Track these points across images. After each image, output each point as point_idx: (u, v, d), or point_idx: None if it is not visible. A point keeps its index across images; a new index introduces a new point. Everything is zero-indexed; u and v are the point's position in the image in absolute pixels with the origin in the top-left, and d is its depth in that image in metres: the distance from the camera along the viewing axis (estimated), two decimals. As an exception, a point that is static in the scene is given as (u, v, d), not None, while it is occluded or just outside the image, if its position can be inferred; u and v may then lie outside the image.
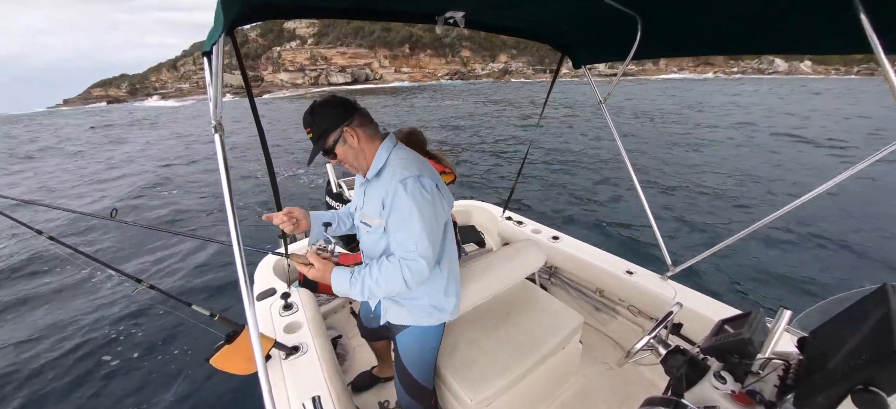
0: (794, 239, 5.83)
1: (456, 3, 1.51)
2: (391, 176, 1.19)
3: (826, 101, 25.54)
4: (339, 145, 1.20)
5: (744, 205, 7.32)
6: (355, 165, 1.26)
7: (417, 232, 1.15)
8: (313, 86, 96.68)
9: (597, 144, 12.17)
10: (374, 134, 1.26)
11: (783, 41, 1.41)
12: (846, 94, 30.91)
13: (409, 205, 1.14)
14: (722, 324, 1.14)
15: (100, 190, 9.26)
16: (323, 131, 1.18)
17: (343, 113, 1.19)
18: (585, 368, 2.15)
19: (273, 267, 2.26)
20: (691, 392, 1.00)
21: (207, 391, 2.91)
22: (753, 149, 11.34)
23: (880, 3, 0.97)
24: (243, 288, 1.07)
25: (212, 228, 6.30)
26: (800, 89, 37.95)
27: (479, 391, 1.46)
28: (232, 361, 1.38)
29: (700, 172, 9.16)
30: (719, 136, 13.49)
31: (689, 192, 7.79)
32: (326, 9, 1.56)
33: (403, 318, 1.40)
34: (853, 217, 6.70)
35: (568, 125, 15.72)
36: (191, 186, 8.98)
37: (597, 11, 1.60)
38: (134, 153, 15.24)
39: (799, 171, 9.12)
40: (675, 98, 30.25)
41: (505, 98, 35.36)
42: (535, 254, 1.97)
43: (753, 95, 32.38)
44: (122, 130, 26.40)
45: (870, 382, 0.68)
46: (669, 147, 11.86)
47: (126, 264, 4.99)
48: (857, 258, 5.45)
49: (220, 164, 1.09)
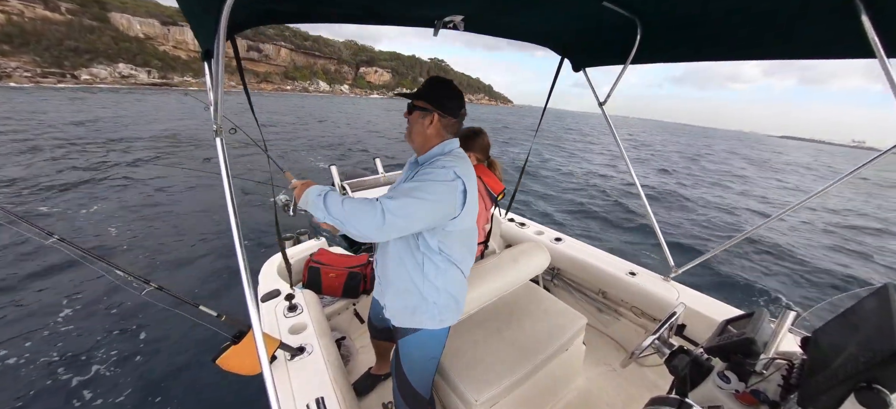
0: (794, 239, 5.81)
1: (455, 6, 1.52)
2: (433, 163, 1.23)
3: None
4: (418, 114, 1.27)
5: (745, 208, 7.30)
6: (412, 138, 1.32)
7: (415, 199, 1.12)
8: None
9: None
10: (448, 134, 1.30)
11: (784, 45, 1.41)
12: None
13: (432, 178, 1.17)
14: (725, 324, 1.14)
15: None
16: (425, 96, 1.26)
17: (445, 102, 1.26)
18: (589, 369, 2.14)
19: (277, 268, 2.27)
20: (695, 392, 1.01)
21: (214, 392, 2.92)
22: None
23: (882, 8, 0.98)
24: (247, 290, 1.09)
25: (216, 229, 6.35)
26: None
27: (484, 391, 1.47)
28: (238, 361, 1.40)
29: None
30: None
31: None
32: (325, 14, 1.58)
33: (410, 322, 1.38)
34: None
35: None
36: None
37: (596, 15, 1.61)
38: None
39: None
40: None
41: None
42: (539, 256, 1.98)
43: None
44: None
45: (873, 380, 0.68)
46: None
47: (134, 265, 5.02)
48: (857, 258, 5.44)
49: (221, 167, 1.11)
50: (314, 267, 2.45)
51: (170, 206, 7.19)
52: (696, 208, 8.84)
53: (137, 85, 69.79)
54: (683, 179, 14.65)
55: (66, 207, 7.20)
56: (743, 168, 21.50)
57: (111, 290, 4.29)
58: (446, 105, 1.26)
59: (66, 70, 62.03)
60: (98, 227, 6.31)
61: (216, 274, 4.80)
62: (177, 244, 5.68)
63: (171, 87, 74.17)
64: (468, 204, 1.22)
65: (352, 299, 2.57)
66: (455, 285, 1.35)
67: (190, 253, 5.38)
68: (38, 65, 59.23)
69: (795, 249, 5.66)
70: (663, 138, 49.41)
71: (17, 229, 1.46)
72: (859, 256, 5.49)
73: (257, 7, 1.32)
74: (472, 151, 1.87)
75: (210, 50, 1.12)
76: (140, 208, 7.07)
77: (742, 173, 19.48)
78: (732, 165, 22.72)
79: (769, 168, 24.75)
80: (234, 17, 1.03)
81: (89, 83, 60.87)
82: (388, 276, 1.38)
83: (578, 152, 11.73)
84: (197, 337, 3.46)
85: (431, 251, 1.27)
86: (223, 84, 1.13)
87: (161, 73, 79.36)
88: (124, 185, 8.57)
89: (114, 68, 70.31)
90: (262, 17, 1.42)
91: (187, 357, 3.30)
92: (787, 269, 5.07)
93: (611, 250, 2.59)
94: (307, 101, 62.92)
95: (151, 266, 5.07)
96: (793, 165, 32.30)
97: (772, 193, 12.78)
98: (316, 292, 2.15)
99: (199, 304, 1.54)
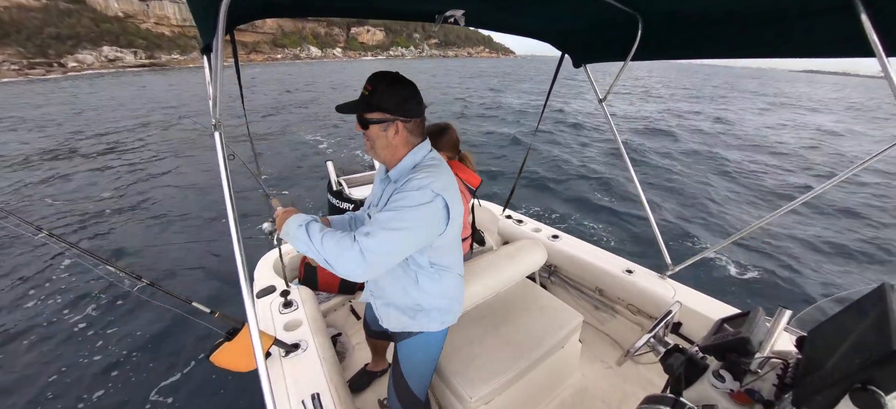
0: (794, 240, 5.85)
1: (456, 1, 1.50)
2: (407, 183, 1.10)
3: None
4: (377, 126, 1.11)
5: (744, 205, 7.34)
6: (377, 153, 1.18)
7: (395, 231, 1.03)
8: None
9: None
10: (415, 138, 1.18)
11: (784, 44, 1.41)
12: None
13: (408, 204, 1.06)
14: (721, 323, 1.14)
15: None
16: (377, 105, 1.09)
17: (406, 106, 1.11)
18: (585, 366, 2.15)
19: (273, 265, 2.26)
20: (690, 391, 1.01)
21: (208, 389, 2.91)
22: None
23: (882, 8, 0.98)
24: (243, 286, 1.08)
25: (209, 224, 6.30)
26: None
27: (479, 388, 1.47)
28: (232, 358, 1.39)
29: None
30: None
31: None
32: (326, 7, 1.56)
33: (410, 326, 1.34)
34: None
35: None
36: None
37: (597, 10, 1.60)
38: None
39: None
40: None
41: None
42: (536, 253, 1.98)
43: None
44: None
45: (868, 381, 0.68)
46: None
47: (126, 260, 4.98)
48: (856, 258, 5.48)
49: (219, 161, 1.09)
50: (310, 264, 2.44)
51: (164, 200, 7.13)
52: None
53: (125, 67, 67.90)
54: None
55: (54, 199, 7.13)
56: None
57: (102, 286, 4.26)
58: (407, 107, 1.11)
59: (51, 59, 60.26)
60: (88, 222, 6.25)
61: (209, 270, 4.75)
62: (170, 240, 5.64)
63: (161, 67, 71.74)
64: (453, 217, 1.13)
65: (348, 295, 2.56)
66: (452, 289, 1.34)
67: (183, 249, 5.34)
68: (23, 56, 57.35)
69: (792, 247, 5.70)
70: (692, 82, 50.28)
71: (5, 223, 1.43)
72: (863, 250, 5.55)
73: (256, 1, 1.30)
74: (442, 149, 1.80)
75: (210, 44, 1.11)
76: (133, 201, 7.01)
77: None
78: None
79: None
80: (234, 11, 1.02)
81: (77, 70, 59.47)
82: (383, 291, 1.35)
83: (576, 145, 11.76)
84: (190, 334, 3.44)
85: (422, 267, 1.23)
86: (222, 79, 1.11)
87: (147, 52, 77.02)
88: (116, 176, 8.49)
89: (99, 52, 68.51)
90: (262, 10, 1.40)
91: (181, 354, 3.28)
92: (786, 267, 5.11)
93: (611, 249, 2.60)
94: (295, 68, 61.46)
95: (143, 262, 5.02)
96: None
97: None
98: (312, 289, 2.14)
99: (192, 300, 1.53)
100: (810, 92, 47.07)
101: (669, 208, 7.01)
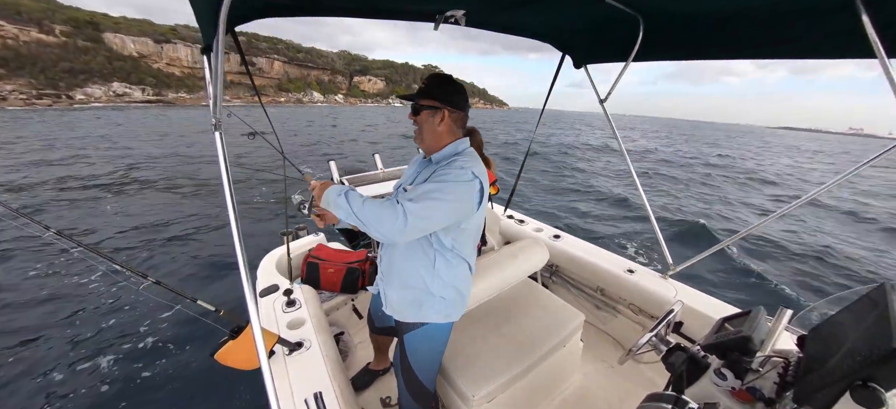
0: (793, 240, 5.84)
1: (457, 2, 1.51)
2: (451, 164, 1.23)
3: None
4: (427, 113, 1.26)
5: (746, 206, 7.33)
6: (424, 139, 1.31)
7: (436, 201, 1.13)
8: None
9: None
10: (458, 129, 1.32)
11: (785, 45, 1.41)
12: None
13: (452, 179, 1.17)
14: (722, 322, 1.15)
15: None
16: (429, 94, 1.26)
17: (454, 97, 1.27)
18: (586, 366, 2.16)
19: (276, 263, 2.27)
20: (692, 389, 1.01)
21: (212, 386, 2.93)
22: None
23: (882, 8, 0.98)
24: (245, 285, 1.09)
25: (213, 223, 6.32)
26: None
27: (481, 387, 1.48)
28: (236, 356, 1.40)
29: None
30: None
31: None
32: (327, 7, 1.56)
33: (416, 316, 1.38)
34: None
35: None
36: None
37: (599, 11, 1.60)
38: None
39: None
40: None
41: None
42: (538, 252, 1.98)
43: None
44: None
45: (868, 378, 0.69)
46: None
47: (132, 259, 5.01)
48: (855, 259, 5.47)
49: (220, 161, 1.10)
50: (313, 262, 2.45)
51: (168, 200, 7.16)
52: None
53: (132, 102, 70.00)
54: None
55: (61, 201, 7.17)
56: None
57: (109, 284, 4.29)
58: (454, 100, 1.27)
59: (61, 90, 62.54)
60: (95, 222, 6.28)
61: (214, 269, 4.79)
62: (175, 239, 5.67)
63: (166, 103, 73.81)
64: (483, 203, 1.26)
65: (350, 294, 2.57)
66: (462, 281, 1.37)
67: (187, 248, 5.37)
68: (34, 87, 59.75)
69: (790, 245, 5.69)
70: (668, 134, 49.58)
71: (15, 224, 1.45)
72: (860, 254, 5.54)
73: (257, 1, 1.31)
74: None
75: (210, 45, 1.12)
76: (139, 201, 7.04)
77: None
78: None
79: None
80: (235, 11, 1.02)
81: (84, 102, 60.89)
82: (395, 269, 1.37)
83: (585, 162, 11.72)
84: (195, 332, 3.46)
85: (444, 248, 1.28)
86: (223, 78, 1.12)
87: (155, 90, 79.90)
88: (123, 181, 8.53)
89: (108, 87, 70.73)
90: (262, 10, 1.40)
91: (185, 352, 3.30)
92: (785, 266, 5.10)
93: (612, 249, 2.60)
94: (300, 112, 61.49)
95: (149, 261, 5.05)
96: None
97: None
98: (314, 288, 2.15)
99: (197, 298, 1.54)
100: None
101: (669, 210, 7.00)
